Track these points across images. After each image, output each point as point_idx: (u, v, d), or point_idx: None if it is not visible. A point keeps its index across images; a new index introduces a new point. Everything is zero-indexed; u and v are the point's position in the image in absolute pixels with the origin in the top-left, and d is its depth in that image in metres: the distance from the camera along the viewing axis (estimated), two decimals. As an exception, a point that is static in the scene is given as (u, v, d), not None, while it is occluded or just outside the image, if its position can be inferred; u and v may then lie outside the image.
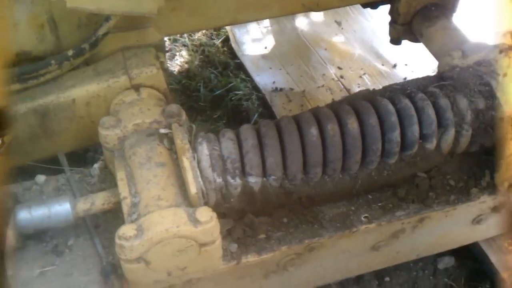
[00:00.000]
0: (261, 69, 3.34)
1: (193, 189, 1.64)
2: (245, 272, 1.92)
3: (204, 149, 1.74)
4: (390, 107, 1.85)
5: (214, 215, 1.59)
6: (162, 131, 1.86)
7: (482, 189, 1.96)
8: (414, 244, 2.19)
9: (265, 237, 1.81)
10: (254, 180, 1.76)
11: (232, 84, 3.21)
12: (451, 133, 1.88)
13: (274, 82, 3.24)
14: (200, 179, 1.69)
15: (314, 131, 1.77)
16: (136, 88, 2.02)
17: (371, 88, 3.17)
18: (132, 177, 1.75)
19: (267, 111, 3.12)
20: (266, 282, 2.03)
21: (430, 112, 1.86)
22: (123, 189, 1.71)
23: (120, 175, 1.76)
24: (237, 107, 3.14)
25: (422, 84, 2.00)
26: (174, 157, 1.81)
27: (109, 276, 1.65)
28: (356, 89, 3.17)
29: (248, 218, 1.81)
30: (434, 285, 2.43)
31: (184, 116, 1.90)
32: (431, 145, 1.88)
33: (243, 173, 1.76)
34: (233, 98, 3.13)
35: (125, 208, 1.67)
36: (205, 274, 1.77)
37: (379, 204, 1.92)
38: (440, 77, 2.00)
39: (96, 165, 1.98)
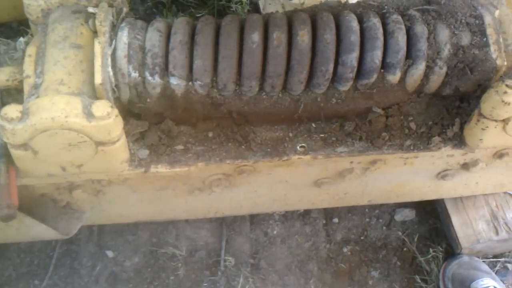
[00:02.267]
0: (262, -28, 2.99)
1: (98, 78, 1.42)
2: (164, 184, 1.75)
3: (123, 36, 1.51)
4: (354, 24, 1.55)
5: (114, 111, 1.39)
6: (90, 10, 1.62)
7: (446, 139, 1.68)
8: (365, 188, 1.97)
9: (183, 149, 1.61)
10: (176, 82, 1.53)
11: (224, -18, 2.88)
12: (420, 68, 1.58)
13: (271, -11, 2.91)
14: (110, 69, 1.47)
15: (256, 37, 1.51)
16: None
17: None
18: (43, 56, 1.54)
19: (257, 20, 2.81)
20: (191, 198, 1.86)
21: (400, 38, 1.55)
22: (28, 66, 1.51)
23: (30, 50, 1.55)
24: (224, 9, 2.84)
25: (404, 5, 1.67)
26: (93, 39, 1.59)
27: (-1, 158, 1.49)
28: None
29: (166, 124, 1.60)
30: (385, 236, 2.23)
31: (119, -1, 1.65)
32: (393, 77, 1.59)
33: (166, 72, 1.53)
34: None
35: (26, 88, 1.48)
36: (108, 177, 1.60)
37: (322, 135, 1.67)
38: (427, 0, 1.67)
39: (22, 39, 1.77)
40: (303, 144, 1.65)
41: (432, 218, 2.25)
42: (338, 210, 2.21)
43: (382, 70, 1.59)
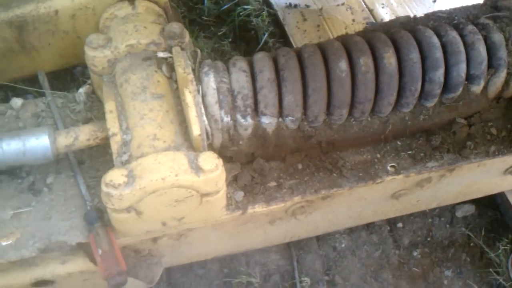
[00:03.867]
0: (273, -20, 2.94)
1: (196, 129, 1.37)
2: (247, 218, 1.71)
3: (210, 81, 1.45)
4: (435, 40, 1.54)
5: (220, 162, 1.34)
6: (161, 55, 1.56)
7: (528, 140, 1.70)
8: (437, 193, 1.97)
9: (276, 185, 1.58)
10: (268, 121, 1.49)
11: (240, -4, 2.82)
12: (502, 75, 1.59)
13: (288, -3, 2.87)
14: (204, 118, 1.42)
15: (343, 65, 1.48)
16: (131, 0, 1.69)
17: (396, 9, 2.85)
18: (123, 109, 1.47)
19: (278, 30, 2.77)
20: (271, 227, 1.83)
21: (481, 49, 1.55)
22: (112, 123, 1.44)
23: (110, 106, 1.48)
24: (245, 24, 2.78)
25: (472, 13, 1.67)
26: (174, 87, 1.53)
27: (93, 224, 1.42)
28: (379, 9, 2.82)
29: (257, 163, 1.56)
30: (450, 234, 2.25)
31: (187, 38, 1.59)
32: (477, 88, 1.60)
33: (256, 112, 1.49)
34: (241, 14, 2.77)
35: (114, 146, 1.41)
36: (206, 224, 1.55)
37: (409, 152, 1.66)
38: (494, 6, 1.67)
39: (82, 90, 1.69)
40: (393, 164, 1.64)
41: (491, 210, 2.28)
42: (401, 215, 2.21)
43: (466, 82, 1.59)
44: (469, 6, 1.70)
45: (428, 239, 2.23)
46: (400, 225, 2.26)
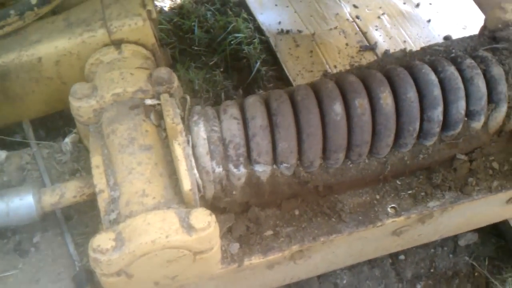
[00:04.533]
0: (265, 6, 2.89)
1: (186, 184, 1.30)
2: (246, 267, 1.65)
3: (200, 131, 1.39)
4: (432, 77, 1.48)
5: (213, 219, 1.28)
6: (149, 102, 1.50)
7: (530, 173, 1.64)
8: (439, 226, 1.90)
9: (273, 234, 1.51)
10: (262, 169, 1.43)
11: (231, 24, 2.77)
12: (502, 110, 1.54)
13: (279, 23, 2.82)
14: (195, 171, 1.36)
15: (338, 108, 1.42)
16: (117, 44, 1.64)
17: (390, 30, 2.80)
18: (110, 162, 1.41)
19: (271, 57, 2.72)
20: (269, 272, 1.76)
21: (481, 84, 1.50)
22: (99, 179, 1.38)
23: (96, 160, 1.41)
24: (236, 52, 2.73)
25: (470, 45, 1.62)
26: (163, 135, 1.47)
27: (83, 286, 1.35)
28: (373, 31, 2.77)
29: (252, 212, 1.49)
30: (454, 264, 2.19)
31: (176, 83, 1.53)
32: (478, 124, 1.54)
33: (249, 160, 1.43)
34: (232, 42, 2.72)
35: (102, 204, 1.35)
36: (200, 280, 1.49)
37: (409, 192, 1.60)
38: (492, 37, 1.62)
39: (68, 139, 1.63)
40: (393, 205, 1.58)
41: (495, 237, 2.22)
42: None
43: (466, 118, 1.53)
44: (466, 38, 1.64)
45: (432, 270, 2.17)
46: (402, 257, 2.19)
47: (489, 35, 1.62)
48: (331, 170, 1.51)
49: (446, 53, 1.60)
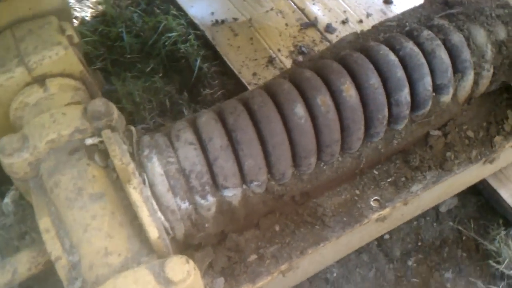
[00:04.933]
0: (194, -2, 2.71)
1: (153, 233, 1.15)
2: None
3: (155, 166, 1.24)
4: (392, 57, 1.37)
5: (191, 266, 1.13)
6: (89, 142, 1.32)
7: (506, 135, 1.58)
8: (420, 203, 1.83)
9: (257, 258, 1.38)
10: (232, 193, 1.29)
11: (162, 24, 2.57)
12: (470, 78, 1.45)
13: (212, 13, 2.64)
14: (159, 214, 1.20)
15: (300, 110, 1.29)
16: (40, 81, 1.44)
17: (328, 2, 2.66)
18: (61, 222, 1.24)
19: (210, 52, 2.55)
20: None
21: (443, 55, 1.40)
22: (52, 245, 1.20)
23: (44, 223, 1.24)
24: (173, 53, 2.54)
25: (423, 15, 1.52)
26: (114, 176, 1.30)
27: None
28: (311, 7, 2.64)
29: (230, 240, 1.36)
30: (440, 233, 2.13)
31: (115, 114, 1.35)
32: (447, 97, 1.45)
33: (216, 187, 1.29)
34: (166, 43, 2.53)
35: (62, 273, 1.18)
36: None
37: (389, 180, 1.51)
38: (444, 2, 1.52)
39: (7, 199, 1.44)
40: (375, 197, 1.49)
41: (474, 196, 2.18)
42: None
43: (434, 94, 1.43)
44: (417, 7, 1.54)
45: (419, 243, 2.11)
46: (387, 236, 2.11)
47: (441, 0, 1.51)
48: (305, 177, 1.39)
49: (400, 28, 1.49)
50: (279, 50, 2.51)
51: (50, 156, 1.31)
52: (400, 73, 1.35)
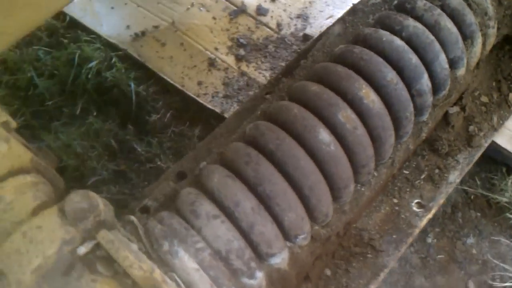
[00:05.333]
0: (101, 15, 2.34)
1: None
2: None
3: (185, 261, 0.97)
4: (398, 41, 1.18)
5: None
6: (83, 250, 1.02)
7: (518, 89, 1.45)
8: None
9: (319, 314, 1.18)
10: (280, 259, 1.06)
11: (76, 55, 2.20)
12: (479, 41, 1.29)
13: (128, 27, 2.30)
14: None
15: (325, 135, 1.07)
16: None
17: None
18: None
19: (142, 71, 2.22)
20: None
21: (449, 24, 1.23)
22: None
23: None
24: (100, 84, 2.18)
25: (409, -18, 1.32)
26: (129, 283, 1.02)
27: None
28: (234, -7, 2.38)
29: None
30: (447, 199, 2.00)
31: (101, 205, 1.06)
32: (462, 69, 1.29)
33: (260, 257, 1.04)
34: (89, 75, 2.17)
35: None
36: None
37: (423, 176, 1.34)
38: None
39: None
40: (416, 200, 1.31)
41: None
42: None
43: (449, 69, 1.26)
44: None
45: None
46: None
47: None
48: (347, 207, 1.18)
49: (388, 3, 1.29)
50: (216, 49, 2.24)
51: (42, 285, 1.00)
52: (414, 59, 1.16)
